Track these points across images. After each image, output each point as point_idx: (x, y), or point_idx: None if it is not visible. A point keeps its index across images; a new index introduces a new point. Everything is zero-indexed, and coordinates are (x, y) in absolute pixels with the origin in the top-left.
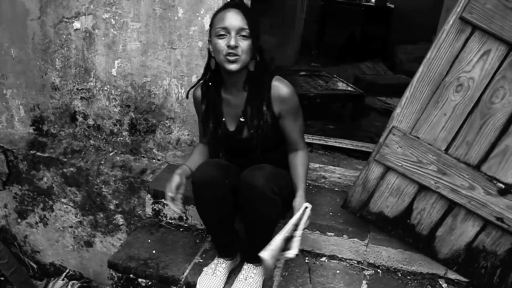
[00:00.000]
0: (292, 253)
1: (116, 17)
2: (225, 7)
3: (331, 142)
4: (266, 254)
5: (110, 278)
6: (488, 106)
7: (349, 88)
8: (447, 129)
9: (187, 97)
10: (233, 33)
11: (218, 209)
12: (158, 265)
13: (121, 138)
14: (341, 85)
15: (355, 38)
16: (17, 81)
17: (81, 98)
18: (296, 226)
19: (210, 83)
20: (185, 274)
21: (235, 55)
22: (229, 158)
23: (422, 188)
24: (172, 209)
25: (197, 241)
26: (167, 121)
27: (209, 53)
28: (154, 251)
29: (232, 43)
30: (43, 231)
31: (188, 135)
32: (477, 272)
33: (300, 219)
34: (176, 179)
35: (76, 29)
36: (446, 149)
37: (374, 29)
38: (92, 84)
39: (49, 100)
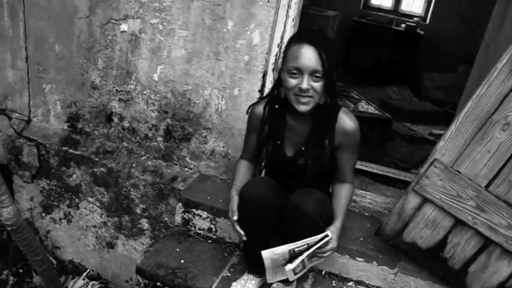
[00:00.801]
0: (289, 266)
1: (164, 23)
2: (301, 41)
3: (358, 165)
4: (266, 252)
5: (136, 284)
6: None
7: (377, 112)
8: (490, 166)
9: (247, 112)
10: (306, 75)
11: (264, 228)
12: (186, 276)
13: (155, 143)
14: (369, 108)
15: (382, 61)
16: (58, 77)
17: (119, 99)
18: (309, 247)
19: (276, 106)
20: (213, 287)
21: (307, 96)
22: (274, 178)
23: (458, 223)
24: (238, 232)
25: (225, 254)
26: (203, 131)
27: (280, 79)
28: (182, 261)
29: (304, 86)
30: (66, 227)
31: (223, 147)
32: None
33: (317, 242)
34: (236, 200)
35: (123, 31)
36: (487, 186)
37: (402, 54)
38: (132, 87)
39: (87, 99)
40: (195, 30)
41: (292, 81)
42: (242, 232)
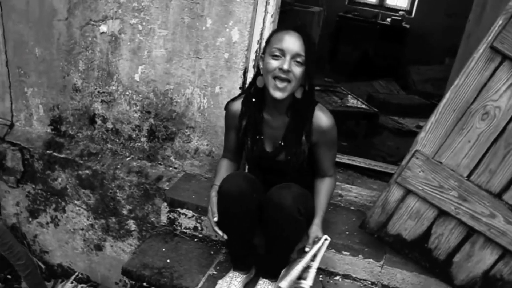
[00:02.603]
0: (307, 283)
1: (144, 23)
2: (286, 28)
3: (345, 159)
4: (285, 284)
5: (123, 285)
6: None
7: (363, 106)
8: (470, 156)
9: (225, 108)
10: (288, 57)
11: (243, 223)
12: (172, 275)
13: (139, 144)
14: (356, 103)
15: (369, 55)
16: (39, 80)
17: (102, 101)
18: (314, 257)
19: (253, 100)
20: (199, 285)
21: (286, 80)
22: (256, 173)
23: (442, 213)
24: (217, 233)
25: (212, 252)
26: (186, 130)
27: (258, 69)
28: (168, 260)
29: (285, 67)
30: (53, 231)
31: (207, 145)
32: None
33: (318, 250)
34: (215, 201)
35: (102, 33)
36: (468, 176)
37: (388, 48)
38: (114, 88)
39: (69, 101)
40: (175, 29)
41: (274, 63)
42: (220, 233)
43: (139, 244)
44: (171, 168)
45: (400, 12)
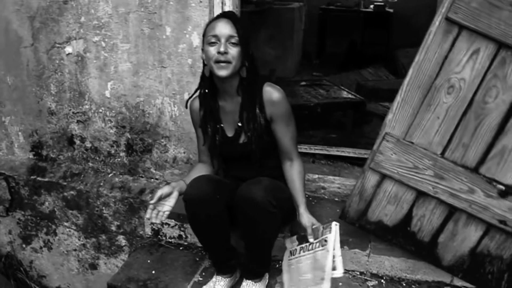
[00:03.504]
0: (338, 272)
1: (106, 40)
2: (217, 17)
3: (333, 151)
4: (340, 271)
5: None
6: (482, 106)
7: (349, 96)
8: (441, 132)
9: (186, 106)
10: (223, 40)
11: (211, 226)
12: (157, 286)
13: (119, 159)
14: (342, 93)
15: (356, 45)
16: (15, 108)
17: (77, 121)
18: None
19: (206, 91)
20: None
21: (225, 61)
22: (228, 169)
23: (421, 194)
24: (146, 216)
25: (197, 259)
26: (162, 140)
27: (203, 61)
28: (153, 272)
29: (222, 49)
30: (48, 255)
31: (184, 152)
32: (483, 278)
33: (334, 239)
34: (165, 189)
35: (68, 54)
36: (442, 153)
37: (374, 35)
38: (87, 107)
39: (46, 125)
40: (137, 42)
41: (212, 49)
42: (152, 219)
43: None
44: (152, 180)
45: None
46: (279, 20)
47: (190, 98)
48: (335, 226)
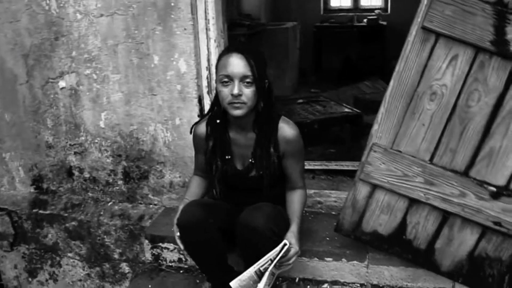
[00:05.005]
0: (259, 286)
1: (97, 72)
2: (228, 51)
3: (332, 165)
4: (234, 282)
5: None
6: (466, 110)
7: (346, 110)
8: (428, 139)
9: (190, 132)
10: (236, 82)
11: (206, 250)
12: None
13: (117, 188)
14: (339, 108)
15: (352, 59)
16: (14, 143)
17: (75, 153)
18: (272, 261)
19: (217, 121)
20: None
21: (239, 102)
22: (228, 194)
23: (413, 202)
24: (179, 247)
25: (197, 281)
26: (158, 166)
27: (217, 92)
28: None
29: (235, 92)
30: (54, 287)
31: (179, 177)
32: (484, 282)
33: (277, 254)
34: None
35: (62, 88)
36: (431, 159)
37: (370, 48)
38: (83, 138)
39: (45, 159)
40: (126, 72)
41: (225, 90)
42: (182, 246)
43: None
44: (151, 206)
45: (376, 11)
46: (274, 40)
47: (196, 123)
48: (282, 245)
